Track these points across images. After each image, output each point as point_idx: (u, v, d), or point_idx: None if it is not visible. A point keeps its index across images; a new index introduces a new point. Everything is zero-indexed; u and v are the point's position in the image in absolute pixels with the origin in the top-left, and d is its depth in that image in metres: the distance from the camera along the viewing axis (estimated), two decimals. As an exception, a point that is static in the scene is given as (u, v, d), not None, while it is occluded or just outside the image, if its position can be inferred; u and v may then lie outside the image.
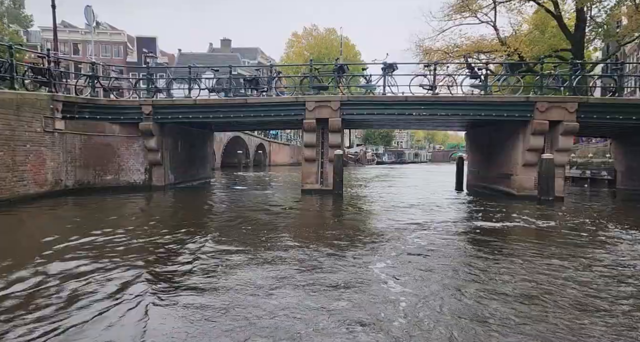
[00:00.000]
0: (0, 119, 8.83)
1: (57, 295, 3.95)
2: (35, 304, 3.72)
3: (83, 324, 3.30)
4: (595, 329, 3.37)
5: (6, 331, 3.15)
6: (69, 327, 3.24)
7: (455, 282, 4.53)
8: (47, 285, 4.23)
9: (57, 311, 3.56)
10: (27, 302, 3.75)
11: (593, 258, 5.76)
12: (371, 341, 2.99)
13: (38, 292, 4.01)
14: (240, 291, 4.10)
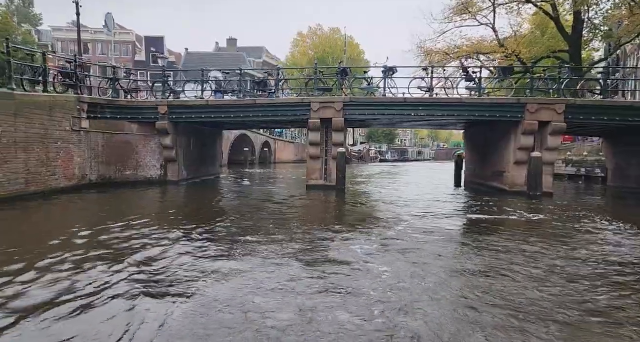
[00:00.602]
0: (36, 119, 9.82)
1: (108, 257, 4.90)
2: (97, 258, 4.66)
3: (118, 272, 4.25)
4: (540, 296, 4.27)
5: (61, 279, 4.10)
6: (115, 278, 4.19)
7: (425, 260, 5.42)
8: (96, 252, 5.18)
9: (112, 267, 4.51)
10: (88, 259, 4.69)
11: (561, 242, 6.64)
12: (348, 299, 3.90)
13: (90, 256, 4.95)
14: (251, 265, 5.03)
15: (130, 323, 3.31)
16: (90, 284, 4.18)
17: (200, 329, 3.23)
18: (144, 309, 3.59)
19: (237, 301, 3.81)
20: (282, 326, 3.27)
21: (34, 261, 4.85)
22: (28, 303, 3.66)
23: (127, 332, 3.17)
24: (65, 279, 4.31)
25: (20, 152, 9.23)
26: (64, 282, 4.23)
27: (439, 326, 3.31)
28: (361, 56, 62.45)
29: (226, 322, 3.35)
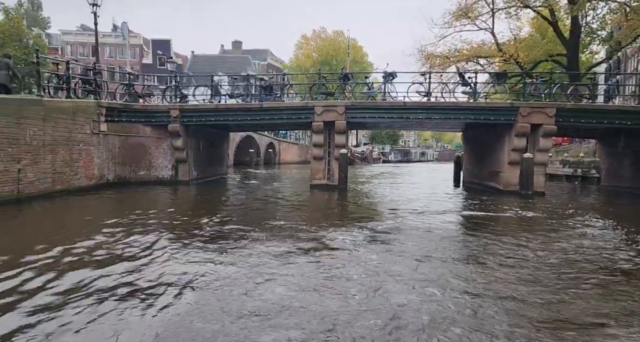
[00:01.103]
0: (61, 123, 10.65)
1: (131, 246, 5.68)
2: (119, 245, 5.45)
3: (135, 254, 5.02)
4: (503, 279, 5.00)
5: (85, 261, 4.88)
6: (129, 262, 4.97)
7: (410, 250, 6.15)
8: (119, 240, 5.96)
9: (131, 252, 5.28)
10: (114, 246, 5.48)
11: (541, 235, 7.36)
12: (334, 279, 4.63)
13: (117, 243, 5.73)
14: (256, 252, 5.79)
15: (185, 272, 4.09)
16: (136, 251, 4.97)
17: (218, 287, 3.99)
18: (187, 263, 4.37)
19: (241, 280, 4.58)
20: (279, 297, 4.01)
21: (77, 244, 5.65)
22: (87, 266, 4.44)
23: (172, 284, 3.94)
24: (112, 254, 5.10)
25: (47, 154, 10.06)
26: (112, 253, 5.02)
27: (400, 301, 3.97)
28: (364, 58, 63.17)
29: (232, 296, 4.11)
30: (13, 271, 4.57)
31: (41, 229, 7.07)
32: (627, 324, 3.60)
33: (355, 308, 3.80)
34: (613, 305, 4.04)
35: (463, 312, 3.77)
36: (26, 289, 4.12)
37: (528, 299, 4.13)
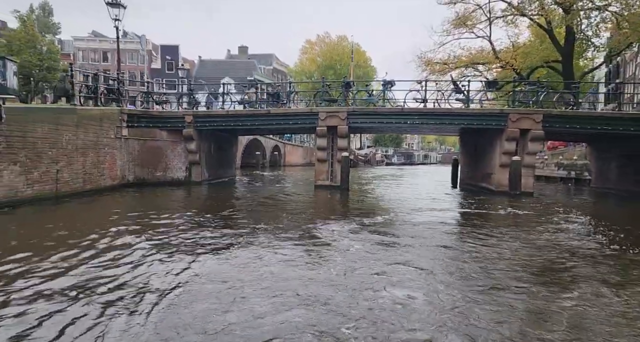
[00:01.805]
0: (91, 129, 11.83)
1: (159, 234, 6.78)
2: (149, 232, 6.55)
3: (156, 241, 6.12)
4: (469, 265, 6.07)
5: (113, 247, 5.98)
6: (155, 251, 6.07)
7: (394, 240, 7.22)
8: (151, 232, 7.08)
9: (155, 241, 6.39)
10: (143, 235, 6.58)
11: (518, 229, 8.41)
12: (321, 262, 5.68)
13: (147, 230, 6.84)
14: (266, 239, 6.89)
15: (192, 261, 5.19)
16: (164, 239, 6.09)
17: (228, 268, 5.10)
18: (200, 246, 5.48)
19: (243, 261, 5.67)
20: (276, 273, 5.04)
21: (112, 233, 6.78)
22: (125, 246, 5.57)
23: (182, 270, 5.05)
24: (141, 243, 6.23)
25: (79, 156, 11.22)
26: (145, 240, 6.15)
27: (371, 278, 4.97)
28: (368, 62, 64.33)
29: (238, 271, 5.22)
30: (81, 249, 5.70)
31: (86, 220, 8.22)
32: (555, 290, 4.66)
33: (330, 276, 4.89)
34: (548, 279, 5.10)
35: (413, 278, 4.85)
36: (92, 260, 5.24)
37: (478, 277, 5.19)
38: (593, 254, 6.31)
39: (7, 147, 8.40)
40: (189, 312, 3.76)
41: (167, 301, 4.00)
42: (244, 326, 3.49)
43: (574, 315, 3.89)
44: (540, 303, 4.15)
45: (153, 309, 3.79)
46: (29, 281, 4.45)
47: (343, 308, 3.92)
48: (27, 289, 4.18)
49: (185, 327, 3.44)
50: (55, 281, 4.48)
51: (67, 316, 3.60)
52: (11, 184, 8.61)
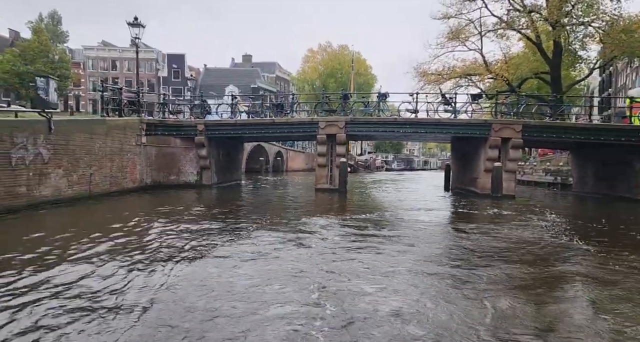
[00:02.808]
0: (117, 137, 13.37)
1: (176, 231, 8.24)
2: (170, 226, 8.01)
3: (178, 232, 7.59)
4: (429, 256, 7.52)
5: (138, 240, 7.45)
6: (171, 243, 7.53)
7: (371, 232, 8.67)
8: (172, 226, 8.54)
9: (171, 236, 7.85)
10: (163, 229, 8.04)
11: (488, 225, 9.85)
12: (302, 247, 7.10)
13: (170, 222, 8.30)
14: (270, 230, 8.36)
15: (223, 242, 6.65)
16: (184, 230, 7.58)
17: (231, 255, 6.57)
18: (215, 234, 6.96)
19: (257, 242, 7.15)
20: (272, 258, 6.46)
21: (144, 223, 8.28)
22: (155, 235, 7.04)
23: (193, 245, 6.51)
24: (166, 233, 7.71)
25: (107, 161, 12.75)
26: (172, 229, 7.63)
27: (341, 265, 6.39)
28: (368, 70, 66.07)
29: (247, 260, 6.68)
30: (118, 235, 7.19)
31: (118, 215, 9.72)
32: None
33: (311, 259, 6.33)
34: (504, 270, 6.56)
35: (376, 264, 6.31)
36: (127, 245, 6.72)
37: (440, 264, 6.65)
38: (550, 244, 7.77)
39: (54, 154, 9.92)
40: (214, 263, 5.24)
41: (198, 260, 5.49)
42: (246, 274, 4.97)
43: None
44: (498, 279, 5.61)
45: (183, 262, 5.27)
46: (105, 254, 5.93)
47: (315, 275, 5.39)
48: (106, 254, 5.66)
49: (218, 275, 4.90)
50: (113, 249, 5.96)
51: (129, 265, 5.08)
52: (57, 185, 10.12)
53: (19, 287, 4.43)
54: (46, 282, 4.61)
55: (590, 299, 4.49)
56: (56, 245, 6.30)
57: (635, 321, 3.92)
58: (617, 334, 3.64)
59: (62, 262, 5.42)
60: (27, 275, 4.85)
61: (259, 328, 3.55)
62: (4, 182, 8.37)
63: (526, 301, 4.44)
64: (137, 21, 16.39)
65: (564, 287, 4.98)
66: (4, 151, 8.36)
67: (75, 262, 5.46)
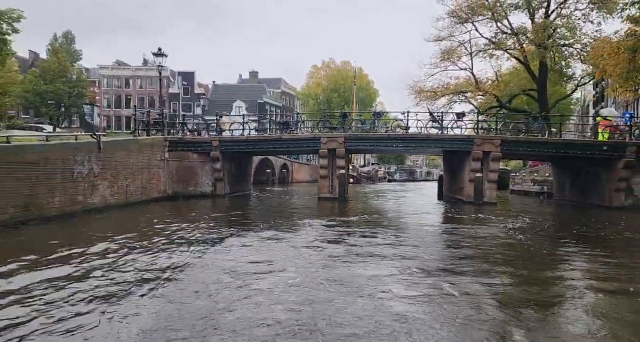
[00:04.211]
0: (146, 153, 15.55)
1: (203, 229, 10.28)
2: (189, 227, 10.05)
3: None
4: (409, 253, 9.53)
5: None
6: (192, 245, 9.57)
7: (358, 230, 10.66)
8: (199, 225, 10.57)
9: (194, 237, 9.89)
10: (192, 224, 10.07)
11: (463, 225, 11.80)
12: (296, 238, 9.15)
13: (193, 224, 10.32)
14: (277, 230, 10.38)
15: (236, 238, 8.69)
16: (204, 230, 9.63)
17: (241, 254, 8.60)
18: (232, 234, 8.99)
19: (268, 238, 9.17)
20: (277, 246, 8.51)
21: (175, 224, 10.35)
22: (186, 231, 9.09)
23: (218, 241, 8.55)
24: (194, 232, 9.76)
25: (139, 174, 14.90)
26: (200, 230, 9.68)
27: (326, 257, 8.47)
28: (370, 85, 68.58)
29: (259, 241, 8.71)
30: (158, 231, 9.26)
31: (153, 218, 11.82)
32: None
33: (308, 247, 8.36)
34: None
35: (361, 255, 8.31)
36: (161, 244, 8.76)
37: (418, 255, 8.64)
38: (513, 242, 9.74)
39: (102, 169, 12.08)
40: (231, 252, 7.27)
41: (215, 248, 7.54)
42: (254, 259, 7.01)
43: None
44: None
45: (210, 250, 7.31)
46: (151, 243, 7.98)
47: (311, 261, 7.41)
48: (152, 243, 7.71)
49: (231, 255, 6.92)
50: (158, 242, 8.01)
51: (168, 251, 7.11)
52: (103, 194, 12.26)
53: (104, 263, 6.51)
54: (120, 259, 6.70)
55: (522, 274, 6.49)
56: (119, 238, 8.39)
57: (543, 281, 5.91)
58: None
59: (126, 249, 7.50)
60: (106, 255, 6.95)
61: (259, 284, 5.54)
62: (69, 192, 10.52)
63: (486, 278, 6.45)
64: (160, 51, 18.72)
65: (505, 265, 6.98)
66: (69, 167, 10.52)
67: (136, 247, 7.57)
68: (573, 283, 5.83)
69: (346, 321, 4.16)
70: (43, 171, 9.40)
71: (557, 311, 4.76)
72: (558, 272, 6.59)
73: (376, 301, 4.77)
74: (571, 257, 7.74)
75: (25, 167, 8.78)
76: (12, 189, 8.44)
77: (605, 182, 17.67)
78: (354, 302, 4.72)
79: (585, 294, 5.27)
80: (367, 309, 4.52)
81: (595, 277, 6.12)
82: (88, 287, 5.15)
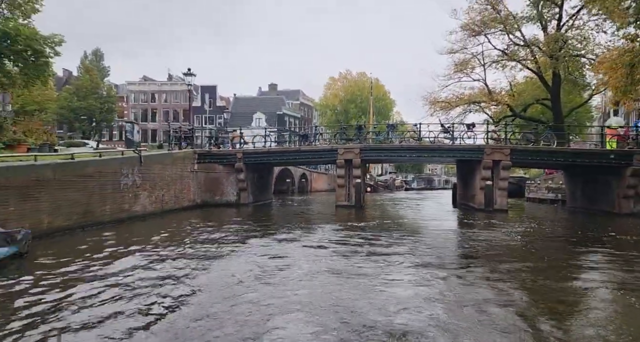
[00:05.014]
0: (178, 165, 17.06)
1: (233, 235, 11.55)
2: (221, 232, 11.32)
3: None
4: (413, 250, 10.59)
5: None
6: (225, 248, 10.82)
7: (366, 235, 11.75)
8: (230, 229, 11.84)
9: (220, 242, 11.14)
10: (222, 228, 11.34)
11: (470, 229, 12.76)
12: (310, 235, 10.31)
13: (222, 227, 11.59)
14: (298, 232, 11.56)
15: (261, 239, 9.93)
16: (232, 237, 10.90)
17: (267, 252, 9.81)
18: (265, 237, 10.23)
19: (288, 238, 10.36)
20: (297, 244, 9.72)
21: (214, 227, 11.66)
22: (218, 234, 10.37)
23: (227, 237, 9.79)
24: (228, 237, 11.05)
25: (172, 185, 16.39)
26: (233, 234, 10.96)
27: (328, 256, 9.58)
28: (386, 95, 69.61)
29: (281, 242, 9.92)
30: (195, 233, 10.57)
31: (188, 223, 13.20)
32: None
33: (327, 247, 9.51)
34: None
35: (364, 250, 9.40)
36: (205, 234, 10.06)
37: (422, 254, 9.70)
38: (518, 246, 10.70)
39: (143, 180, 13.57)
40: (253, 251, 8.50)
41: (245, 245, 8.78)
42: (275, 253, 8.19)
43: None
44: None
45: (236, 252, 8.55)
46: (191, 242, 9.29)
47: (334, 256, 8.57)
48: (191, 242, 9.01)
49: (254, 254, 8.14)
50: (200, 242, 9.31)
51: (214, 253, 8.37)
52: (143, 203, 13.74)
53: (158, 257, 7.84)
54: (170, 253, 8.02)
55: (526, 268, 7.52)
56: (164, 239, 9.75)
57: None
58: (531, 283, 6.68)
59: (172, 246, 8.83)
60: (158, 250, 8.29)
61: (280, 280, 6.75)
62: (117, 201, 12.01)
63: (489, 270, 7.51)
64: (189, 71, 20.40)
65: (506, 260, 8.00)
66: (117, 179, 12.03)
67: (179, 246, 8.90)
68: (575, 283, 6.68)
69: (362, 305, 5.31)
70: (97, 182, 10.90)
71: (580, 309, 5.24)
72: (553, 272, 7.56)
73: (385, 286, 5.91)
74: (564, 257, 8.66)
75: (85, 180, 10.29)
76: (75, 199, 9.93)
77: (614, 189, 18.25)
78: (368, 289, 5.87)
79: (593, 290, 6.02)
80: (378, 291, 5.66)
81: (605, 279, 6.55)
82: (154, 272, 6.55)
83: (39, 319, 4.50)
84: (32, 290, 5.51)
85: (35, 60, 24.10)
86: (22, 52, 23.12)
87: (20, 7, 25.00)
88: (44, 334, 4.12)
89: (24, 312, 4.68)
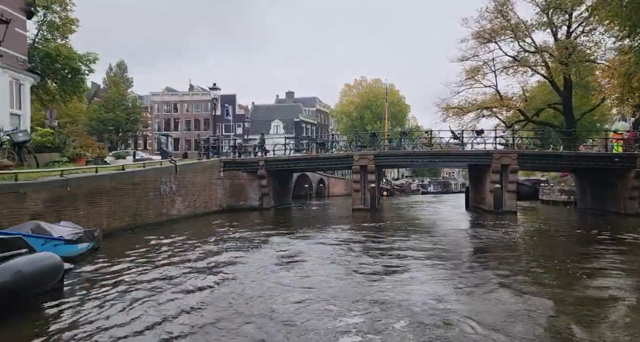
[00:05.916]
0: (207, 173, 18.66)
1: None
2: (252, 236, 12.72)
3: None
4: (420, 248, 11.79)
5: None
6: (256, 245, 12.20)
7: (379, 236, 12.96)
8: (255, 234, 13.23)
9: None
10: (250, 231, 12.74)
11: (474, 228, 13.86)
12: (326, 235, 11.59)
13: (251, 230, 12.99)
14: (316, 232, 12.88)
15: (283, 237, 11.29)
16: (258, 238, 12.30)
17: (287, 249, 11.15)
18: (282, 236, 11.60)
19: (308, 237, 11.69)
20: (315, 242, 11.02)
21: (241, 232, 13.10)
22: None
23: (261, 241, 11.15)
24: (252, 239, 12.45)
25: (202, 191, 17.97)
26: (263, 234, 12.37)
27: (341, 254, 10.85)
28: (401, 101, 70.51)
29: (299, 240, 11.25)
30: (224, 233, 12.01)
31: (218, 225, 14.68)
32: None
33: (344, 244, 10.79)
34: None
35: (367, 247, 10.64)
36: (235, 233, 11.48)
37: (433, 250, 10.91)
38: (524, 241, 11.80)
39: (178, 187, 15.16)
40: (278, 248, 9.84)
41: (268, 243, 10.15)
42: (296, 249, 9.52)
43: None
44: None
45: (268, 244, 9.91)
46: (223, 240, 10.72)
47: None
48: (223, 241, 10.42)
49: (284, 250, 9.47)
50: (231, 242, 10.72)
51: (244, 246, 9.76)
52: (179, 208, 15.32)
53: (203, 251, 9.28)
54: (209, 250, 9.46)
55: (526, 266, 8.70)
56: (201, 238, 11.22)
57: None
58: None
59: (210, 244, 10.27)
60: (198, 247, 9.74)
61: (301, 267, 8.08)
62: (157, 206, 13.60)
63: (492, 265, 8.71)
64: (215, 85, 22.07)
65: (507, 257, 9.17)
66: (157, 186, 13.63)
67: (215, 243, 10.36)
68: (576, 281, 7.93)
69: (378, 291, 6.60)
70: (142, 189, 12.50)
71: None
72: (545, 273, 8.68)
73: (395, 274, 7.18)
74: (558, 254, 9.74)
75: (133, 187, 11.89)
76: (126, 204, 11.52)
77: (621, 190, 18.98)
78: (380, 278, 7.15)
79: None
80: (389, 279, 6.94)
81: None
82: (201, 263, 8.04)
83: (136, 286, 6.04)
84: (120, 272, 7.17)
85: (72, 78, 26.29)
86: (61, 71, 25.32)
87: (58, 29, 27.32)
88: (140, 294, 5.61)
89: (121, 287, 6.25)
